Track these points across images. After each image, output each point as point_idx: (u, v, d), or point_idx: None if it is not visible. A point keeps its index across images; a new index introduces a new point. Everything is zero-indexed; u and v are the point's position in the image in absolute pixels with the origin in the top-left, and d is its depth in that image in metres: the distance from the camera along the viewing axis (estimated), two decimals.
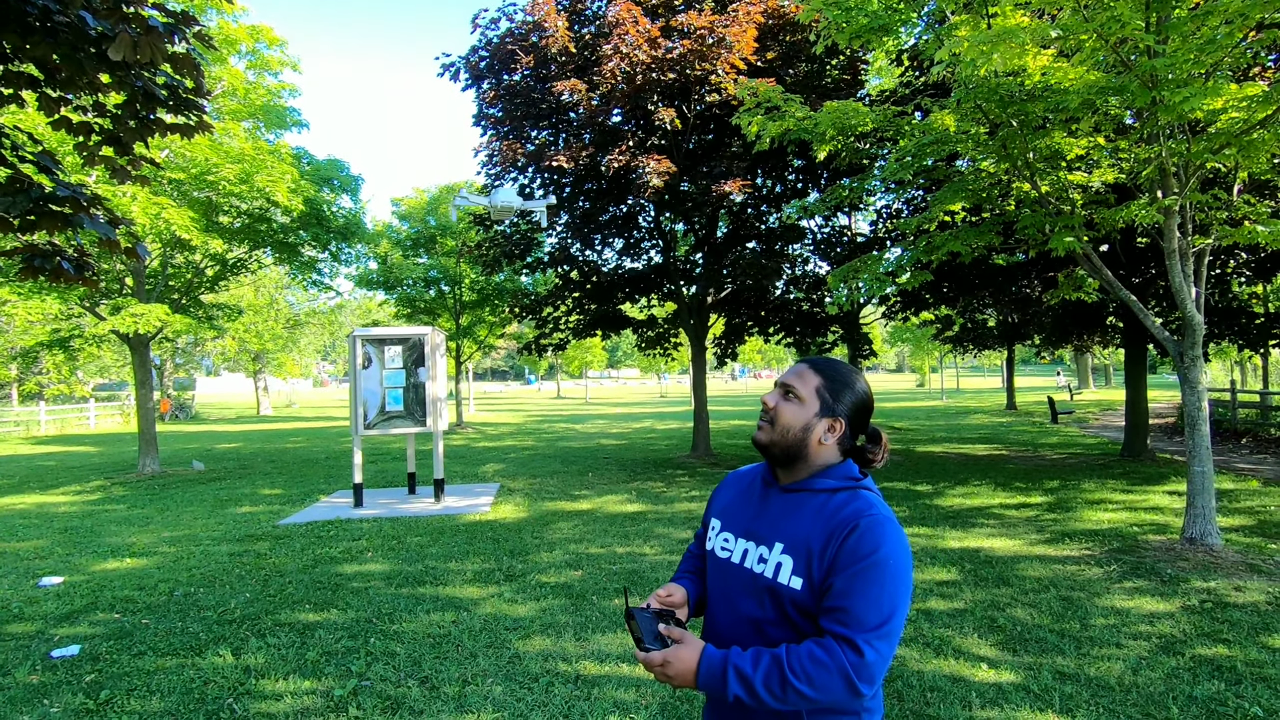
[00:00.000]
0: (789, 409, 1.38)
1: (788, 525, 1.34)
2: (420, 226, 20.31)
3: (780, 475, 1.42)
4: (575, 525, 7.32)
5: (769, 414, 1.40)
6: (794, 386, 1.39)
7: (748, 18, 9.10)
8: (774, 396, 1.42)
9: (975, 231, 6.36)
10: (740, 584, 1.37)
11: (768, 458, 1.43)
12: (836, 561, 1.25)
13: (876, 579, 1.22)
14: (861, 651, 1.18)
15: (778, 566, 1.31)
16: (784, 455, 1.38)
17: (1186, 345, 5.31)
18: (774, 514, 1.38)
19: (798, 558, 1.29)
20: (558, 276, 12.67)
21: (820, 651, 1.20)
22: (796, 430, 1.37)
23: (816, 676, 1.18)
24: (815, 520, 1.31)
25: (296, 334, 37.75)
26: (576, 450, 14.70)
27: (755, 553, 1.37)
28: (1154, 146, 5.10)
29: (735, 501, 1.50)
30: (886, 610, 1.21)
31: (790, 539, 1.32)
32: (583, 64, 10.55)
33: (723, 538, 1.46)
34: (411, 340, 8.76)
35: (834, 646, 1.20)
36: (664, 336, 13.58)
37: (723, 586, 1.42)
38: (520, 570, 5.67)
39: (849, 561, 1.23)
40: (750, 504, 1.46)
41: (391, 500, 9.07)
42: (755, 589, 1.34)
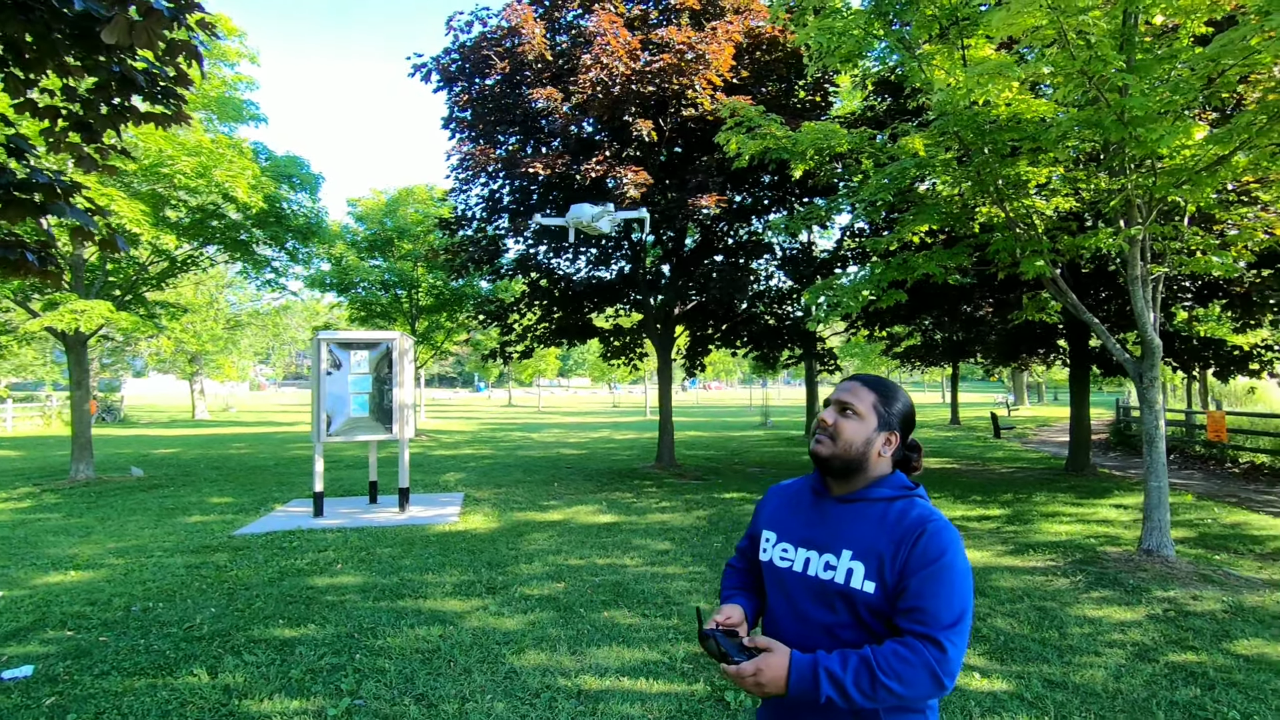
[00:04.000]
0: (850, 425, 1.45)
1: (853, 533, 1.41)
2: (377, 228, 19.82)
3: (833, 486, 1.49)
4: (550, 536, 7.22)
5: (828, 430, 1.45)
6: (851, 404, 1.46)
7: (726, 36, 9.26)
8: (831, 414, 1.47)
9: (949, 253, 6.61)
10: (806, 591, 1.43)
11: (826, 471, 1.48)
12: (908, 565, 1.33)
13: (947, 579, 1.31)
14: (944, 647, 1.27)
15: (849, 572, 1.38)
16: (844, 468, 1.45)
17: (1146, 367, 5.63)
18: (834, 523, 1.44)
19: (869, 563, 1.36)
20: (525, 284, 12.54)
21: (905, 650, 1.28)
22: (859, 445, 1.44)
23: (904, 673, 1.26)
24: (880, 527, 1.39)
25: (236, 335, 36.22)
26: (537, 459, 14.53)
27: (820, 560, 1.43)
28: (1120, 179, 5.41)
29: (786, 513, 1.56)
30: (959, 608, 1.30)
31: (858, 546, 1.38)
32: (558, 72, 10.53)
33: (781, 548, 1.51)
34: (380, 345, 8.52)
35: (917, 644, 1.28)
36: (629, 346, 13.59)
37: (786, 595, 1.47)
38: (502, 582, 5.55)
39: (920, 564, 1.32)
40: (804, 515, 1.52)
41: (353, 510, 8.76)
42: (825, 595, 1.40)
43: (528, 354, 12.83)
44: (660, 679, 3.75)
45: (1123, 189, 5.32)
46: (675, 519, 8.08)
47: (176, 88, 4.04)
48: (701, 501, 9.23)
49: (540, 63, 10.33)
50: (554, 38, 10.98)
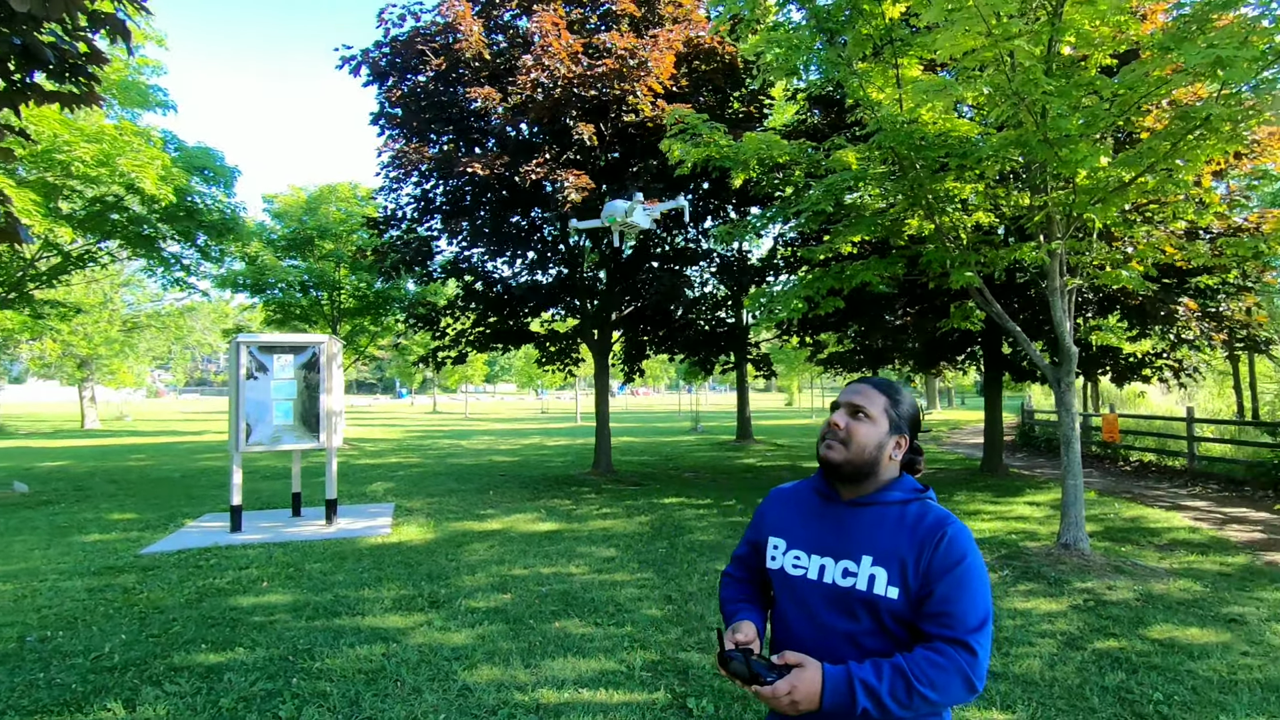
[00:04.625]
0: (863, 429, 1.42)
1: (871, 538, 1.38)
2: (296, 227, 18.86)
3: (843, 490, 1.46)
4: (491, 546, 7.02)
5: (840, 434, 1.42)
6: (863, 406, 1.44)
7: (667, 44, 9.34)
8: (842, 417, 1.44)
9: (884, 262, 6.87)
10: (824, 599, 1.39)
11: (836, 476, 1.45)
12: (931, 569, 1.32)
13: (970, 582, 1.31)
14: (975, 651, 1.26)
15: (871, 578, 1.35)
16: (856, 473, 1.43)
17: (1063, 372, 6.02)
18: (849, 528, 1.42)
19: (891, 569, 1.34)
20: (459, 287, 12.21)
21: (936, 656, 1.26)
22: (871, 449, 1.42)
23: (938, 680, 1.25)
24: (898, 532, 1.37)
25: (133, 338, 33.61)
26: (469, 467, 14.15)
27: (836, 567, 1.39)
28: (1041, 197, 5.78)
29: (794, 519, 1.52)
30: (983, 610, 1.30)
31: (878, 551, 1.36)
32: (496, 72, 10.33)
33: (793, 555, 1.47)
34: (307, 349, 8.08)
35: (947, 649, 1.27)
36: (565, 352, 13.45)
37: (801, 603, 1.43)
38: (444, 596, 5.34)
39: (943, 568, 1.31)
40: (814, 520, 1.48)
41: (275, 523, 8.26)
42: (846, 602, 1.37)
43: (461, 359, 12.50)
44: (620, 689, 3.69)
45: (1044, 206, 5.70)
46: (618, 525, 8.02)
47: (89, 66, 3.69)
48: (642, 507, 9.21)
49: (478, 61, 10.10)
50: (491, 37, 10.77)
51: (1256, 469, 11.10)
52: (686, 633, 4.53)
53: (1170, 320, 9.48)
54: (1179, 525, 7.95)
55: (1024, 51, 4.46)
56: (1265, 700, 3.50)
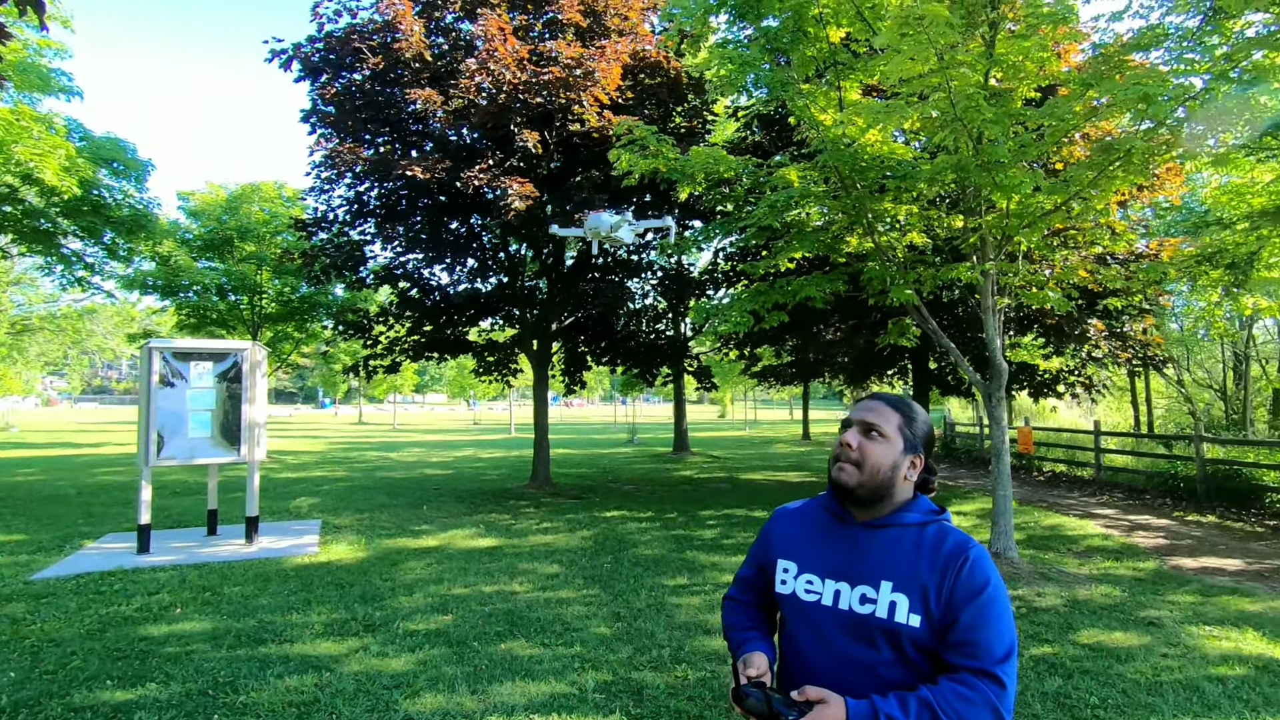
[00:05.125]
0: (877, 449, 1.36)
1: (890, 563, 1.32)
2: (215, 226, 17.82)
3: (856, 512, 1.40)
4: (428, 564, 6.73)
5: (853, 455, 1.36)
6: (877, 425, 1.37)
7: (615, 56, 9.33)
8: (855, 436, 1.37)
9: (827, 278, 7.04)
10: (841, 627, 1.32)
11: (850, 499, 1.38)
12: (954, 596, 1.26)
13: (994, 610, 1.26)
14: (1003, 683, 1.21)
15: (891, 605, 1.28)
16: (870, 495, 1.36)
17: (994, 388, 6.29)
18: (864, 552, 1.35)
19: (913, 595, 1.28)
20: (394, 294, 11.78)
21: (964, 689, 1.21)
22: (886, 470, 1.35)
23: (966, 714, 1.19)
24: (918, 556, 1.31)
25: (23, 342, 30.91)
26: (400, 481, 13.62)
27: (853, 593, 1.32)
28: (976, 219, 6.05)
29: (805, 541, 1.44)
30: (1008, 639, 1.25)
31: (899, 577, 1.30)
32: (438, 74, 10.07)
33: (805, 580, 1.39)
34: (229, 356, 7.58)
35: (975, 681, 1.21)
36: (504, 362, 13.17)
37: (815, 631, 1.36)
38: (381, 619, 5.06)
39: (967, 595, 1.26)
40: (826, 542, 1.41)
41: (188, 543, 7.67)
42: (865, 630, 1.30)
43: (394, 369, 12.04)
44: (572, 713, 3.56)
45: (978, 228, 5.96)
46: (560, 540, 7.85)
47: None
48: (584, 521, 9.06)
49: (418, 62, 9.82)
50: (432, 38, 10.50)
51: (1155, 478, 11.94)
52: (638, 651, 4.43)
53: (1082, 339, 10.11)
54: (1093, 533, 8.43)
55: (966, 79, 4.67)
56: (1189, 700, 3.70)
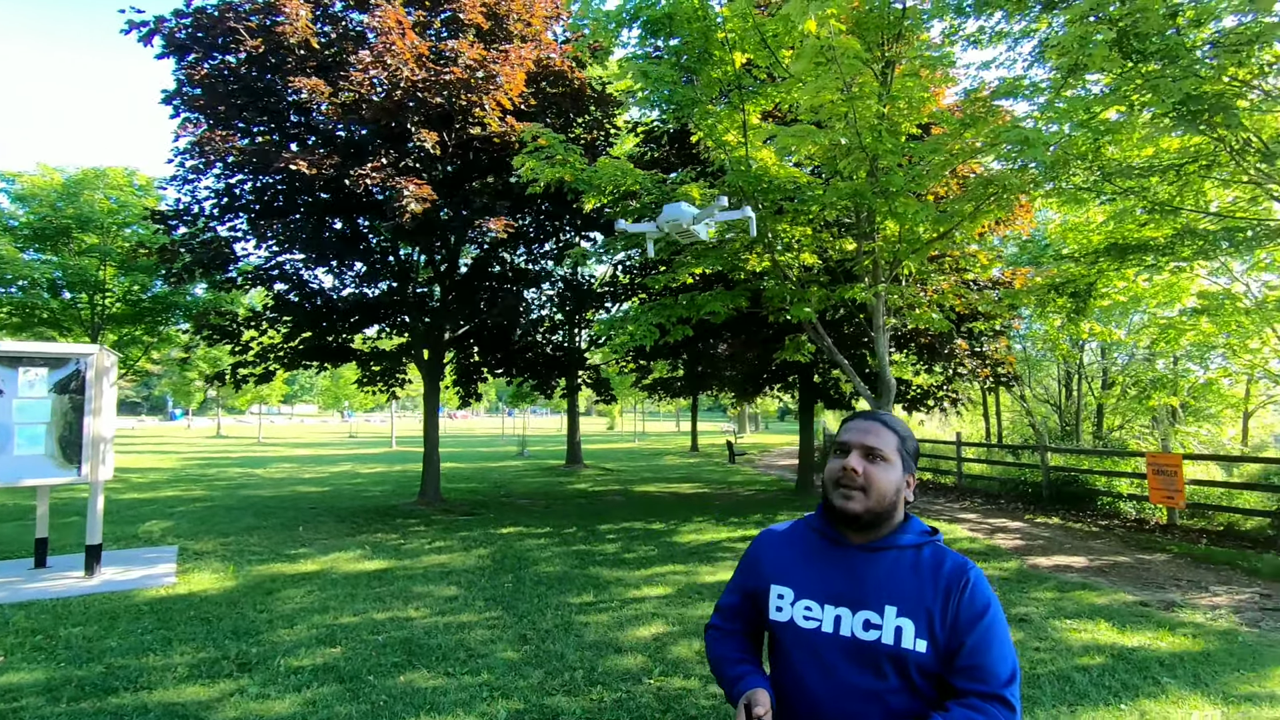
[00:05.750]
0: (882, 474, 1.33)
1: (892, 587, 1.29)
2: (48, 214, 15.70)
3: (852, 535, 1.36)
4: (310, 591, 6.18)
5: (858, 481, 1.31)
6: (879, 449, 1.34)
7: (520, 62, 9.14)
8: (859, 461, 1.33)
9: (730, 294, 7.22)
10: (844, 654, 1.28)
11: (854, 526, 1.34)
12: (959, 620, 1.25)
13: (998, 632, 1.26)
14: (1012, 706, 1.21)
15: (898, 631, 1.26)
16: (875, 521, 1.33)
17: (883, 402, 6.69)
18: (863, 576, 1.32)
19: (918, 620, 1.26)
20: (271, 296, 10.86)
21: (976, 714, 1.20)
22: (891, 495, 1.33)
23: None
24: (918, 579, 1.29)
25: None
26: (269, 500, 12.51)
27: (855, 619, 1.29)
28: (869, 243, 6.43)
29: (798, 565, 1.39)
30: (1011, 661, 1.26)
31: (903, 602, 1.27)
32: (325, 64, 9.44)
33: (803, 606, 1.34)
34: (68, 361, 6.64)
35: (985, 706, 1.21)
36: (391, 371, 12.47)
37: (815, 659, 1.31)
38: (258, 655, 4.56)
39: (970, 618, 1.25)
40: (822, 566, 1.36)
41: (10, 578, 6.61)
42: (872, 658, 1.27)
43: (267, 378, 11.07)
44: None
45: (871, 252, 6.34)
46: (455, 560, 7.48)
47: None
48: (479, 539, 8.70)
49: (304, 49, 9.16)
50: (319, 25, 9.84)
51: (1008, 485, 13.20)
52: (549, 675, 4.27)
53: (950, 357, 11.01)
54: (961, 536, 9.14)
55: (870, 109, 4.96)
56: (1063, 690, 4.04)
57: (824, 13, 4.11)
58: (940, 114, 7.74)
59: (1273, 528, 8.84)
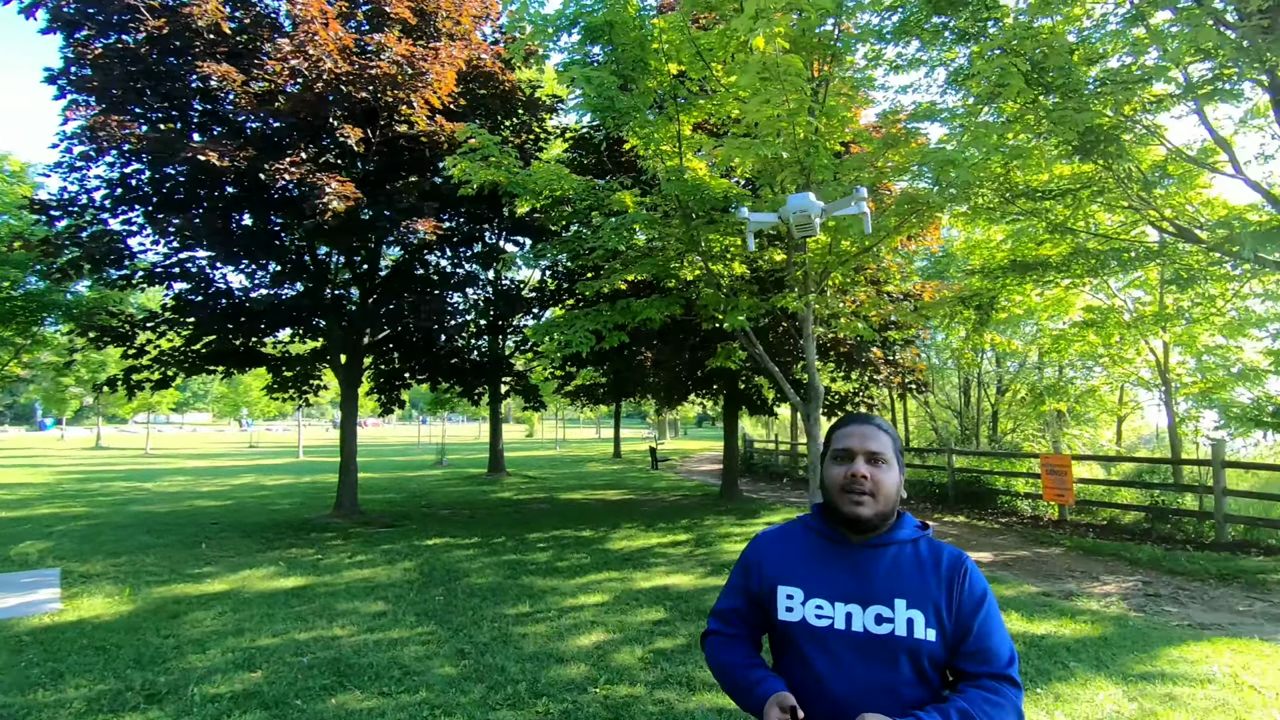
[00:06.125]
0: (887, 477, 1.38)
1: (899, 581, 1.34)
2: None
3: (852, 535, 1.40)
4: (221, 613, 5.76)
5: (867, 486, 1.35)
6: (881, 453, 1.38)
7: (450, 60, 8.91)
8: (865, 466, 1.36)
9: (665, 301, 7.29)
10: (858, 649, 1.31)
11: (864, 529, 1.38)
12: (963, 607, 1.32)
13: (996, 615, 1.35)
14: (1018, 684, 1.30)
15: (909, 623, 1.30)
16: (883, 522, 1.38)
17: (813, 407, 6.92)
18: (869, 572, 1.36)
19: (927, 611, 1.31)
20: (171, 297, 10.07)
21: (991, 695, 1.26)
22: (895, 495, 1.39)
23: (997, 717, 1.24)
24: (921, 572, 1.35)
25: None
26: (164, 516, 11.57)
27: (867, 614, 1.32)
28: (800, 255, 6.67)
29: (803, 565, 1.41)
30: (1010, 643, 1.34)
31: (911, 594, 1.32)
32: (237, 50, 8.90)
33: (815, 605, 1.36)
34: None
35: (997, 686, 1.28)
36: (304, 377, 11.83)
37: (830, 656, 1.33)
38: (168, 685, 4.20)
39: (972, 604, 1.33)
40: (827, 565, 1.39)
41: None
42: (886, 650, 1.30)
43: (164, 384, 10.24)
44: None
45: (802, 263, 6.58)
46: (380, 574, 7.16)
47: None
48: (403, 551, 8.37)
49: (214, 33, 8.59)
50: (230, 9, 9.25)
51: (916, 486, 13.93)
52: (491, 689, 4.15)
53: (867, 365, 11.54)
54: None
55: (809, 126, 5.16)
56: None
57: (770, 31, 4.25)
58: (861, 133, 8.17)
59: (1148, 521, 9.75)
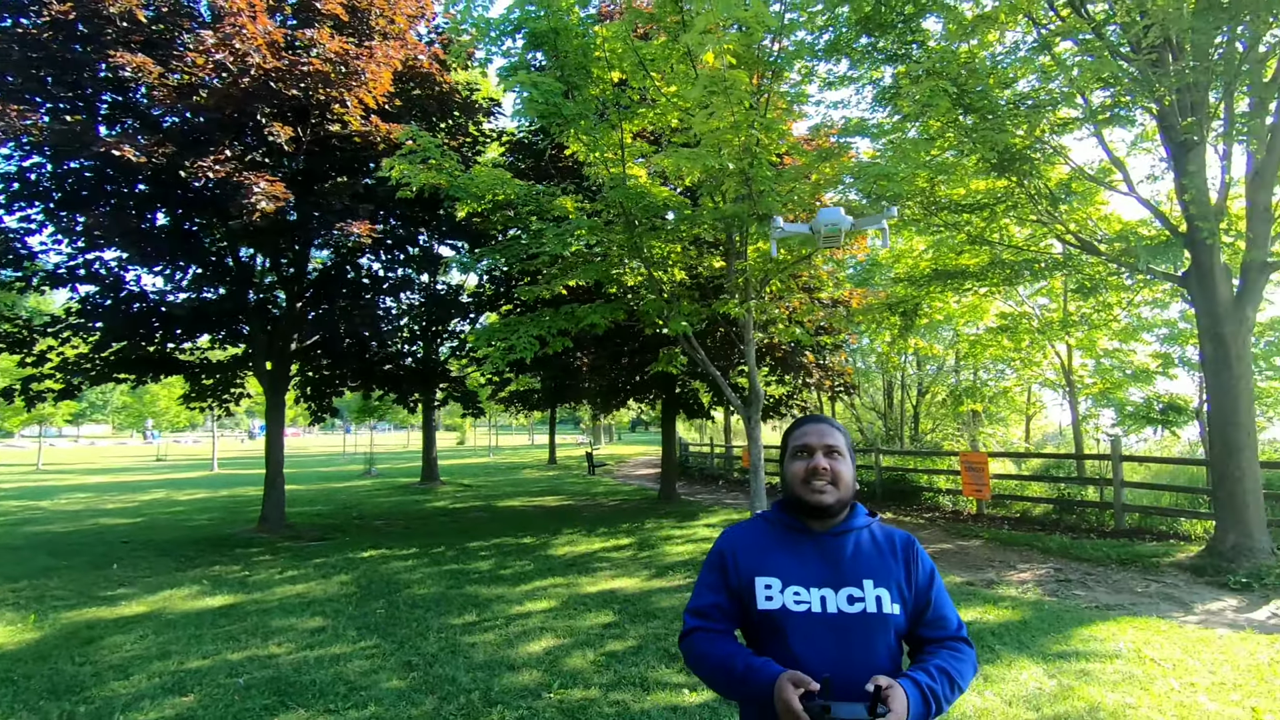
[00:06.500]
0: (843, 467, 1.52)
1: (864, 564, 1.48)
2: None
3: (815, 525, 1.52)
4: (143, 636, 5.42)
5: (828, 476, 1.49)
6: (836, 446, 1.54)
7: (386, 60, 8.70)
8: (824, 460, 1.50)
9: (609, 307, 7.36)
10: (834, 630, 1.42)
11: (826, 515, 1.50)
12: (918, 582, 1.51)
13: (943, 587, 1.55)
14: (972, 644, 1.51)
15: (878, 600, 1.44)
16: (843, 509, 1.52)
17: (753, 410, 7.13)
18: (836, 558, 1.49)
19: (891, 588, 1.47)
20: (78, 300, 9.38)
21: (957, 653, 1.46)
22: (851, 484, 1.54)
23: (965, 672, 1.44)
24: (881, 554, 1.51)
25: None
26: (66, 536, 10.75)
27: (839, 596, 1.44)
28: (741, 262, 6.86)
29: (776, 556, 1.51)
30: (955, 610, 1.55)
31: (876, 574, 1.47)
32: (153, 40, 8.42)
33: (793, 592, 1.46)
34: None
35: (959, 646, 1.48)
36: (225, 385, 11.25)
37: (808, 638, 1.42)
38: (89, 714, 3.94)
39: (926, 579, 1.52)
40: (798, 555, 1.50)
41: None
42: (859, 627, 1.43)
43: (69, 393, 9.53)
44: None
45: (744, 270, 6.78)
46: (315, 589, 6.90)
47: None
48: (338, 565, 8.08)
49: (127, 20, 8.09)
50: None
51: None
52: (443, 700, 4.09)
53: (801, 369, 11.94)
54: None
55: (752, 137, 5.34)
56: None
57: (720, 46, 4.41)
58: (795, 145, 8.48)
59: (1056, 512, 10.48)
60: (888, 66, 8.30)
